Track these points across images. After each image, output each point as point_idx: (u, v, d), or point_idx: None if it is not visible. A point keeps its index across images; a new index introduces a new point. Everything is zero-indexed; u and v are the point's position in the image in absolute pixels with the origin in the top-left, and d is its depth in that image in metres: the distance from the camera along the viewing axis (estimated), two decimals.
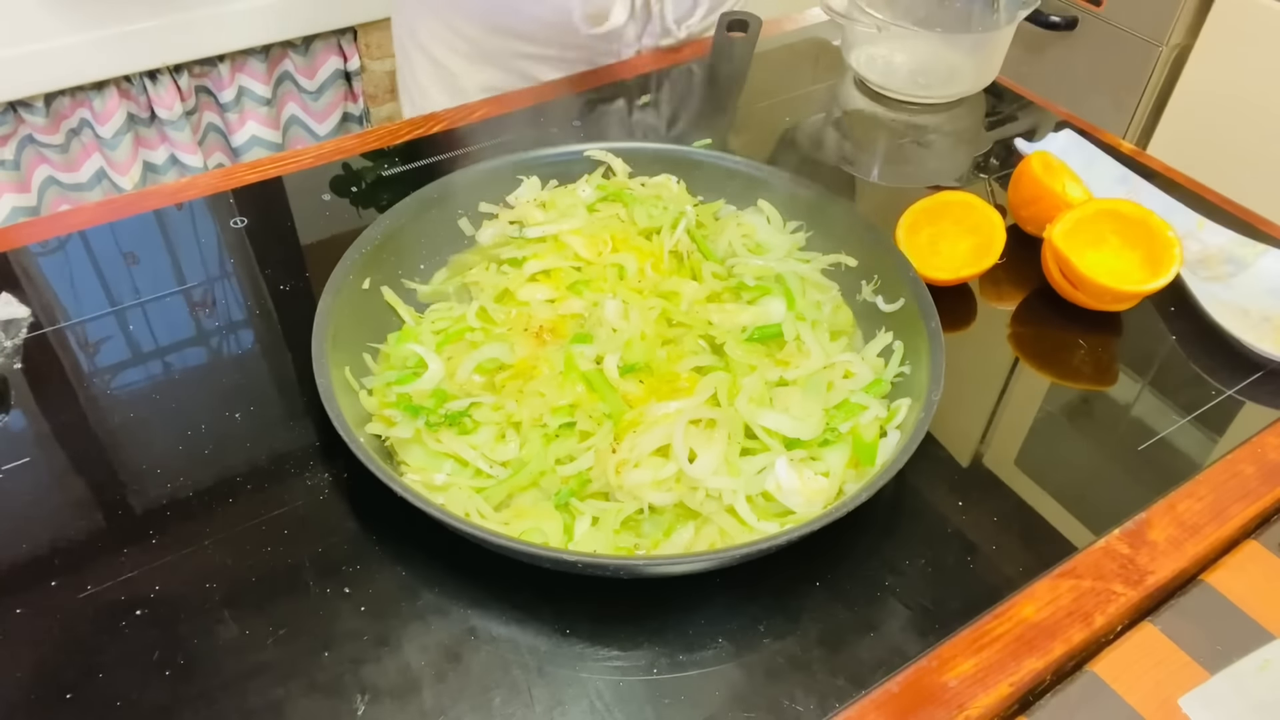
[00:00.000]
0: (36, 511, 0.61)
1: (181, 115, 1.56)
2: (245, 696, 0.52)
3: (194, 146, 1.62)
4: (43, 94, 1.44)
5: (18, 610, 0.56)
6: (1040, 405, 0.72)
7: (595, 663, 0.55)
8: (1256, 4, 1.55)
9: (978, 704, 0.53)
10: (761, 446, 0.61)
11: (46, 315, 0.74)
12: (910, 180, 0.95)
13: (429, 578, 0.58)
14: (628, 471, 0.58)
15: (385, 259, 0.72)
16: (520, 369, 0.65)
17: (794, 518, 0.59)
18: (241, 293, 0.78)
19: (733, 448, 0.60)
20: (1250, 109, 1.60)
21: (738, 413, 0.61)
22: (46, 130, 1.49)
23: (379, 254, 0.72)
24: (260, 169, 0.90)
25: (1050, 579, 0.59)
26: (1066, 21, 1.78)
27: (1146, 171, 0.92)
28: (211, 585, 0.57)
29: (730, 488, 0.58)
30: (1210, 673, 0.55)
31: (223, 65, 1.58)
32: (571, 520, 0.59)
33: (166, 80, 1.52)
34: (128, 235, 0.82)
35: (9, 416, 0.67)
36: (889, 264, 0.72)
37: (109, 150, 1.54)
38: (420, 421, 0.61)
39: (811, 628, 0.56)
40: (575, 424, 0.62)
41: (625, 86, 1.04)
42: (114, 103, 1.50)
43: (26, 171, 1.52)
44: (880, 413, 0.64)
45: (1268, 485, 0.66)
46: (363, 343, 0.68)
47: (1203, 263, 0.83)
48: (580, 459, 0.61)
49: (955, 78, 1.04)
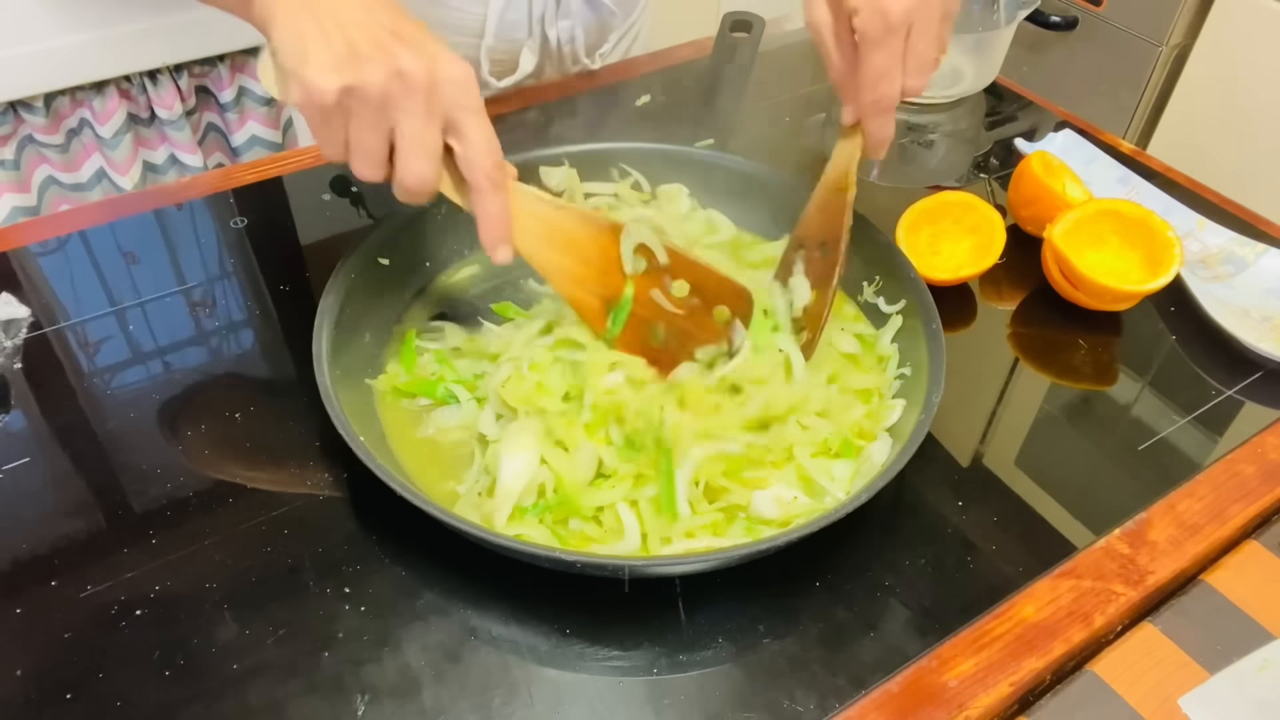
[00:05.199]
0: (36, 511, 0.61)
1: (181, 115, 1.56)
2: (245, 696, 0.52)
3: (194, 146, 1.61)
4: (43, 94, 1.44)
5: (18, 610, 0.56)
6: (1040, 405, 0.72)
7: (595, 663, 0.55)
8: (1256, 4, 1.55)
9: (978, 704, 0.53)
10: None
11: (46, 315, 0.74)
12: (910, 180, 0.95)
13: (429, 578, 0.58)
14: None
15: (386, 258, 0.72)
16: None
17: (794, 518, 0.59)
18: (241, 293, 0.78)
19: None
20: (1250, 109, 1.60)
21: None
22: (46, 130, 1.48)
23: (380, 253, 0.72)
24: (260, 169, 0.90)
25: (1050, 579, 0.59)
26: (1066, 21, 1.78)
27: (1146, 171, 0.92)
28: (211, 585, 0.57)
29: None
30: (1210, 673, 0.55)
31: (223, 65, 1.57)
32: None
33: (166, 80, 1.52)
34: (128, 235, 0.82)
35: (9, 416, 0.67)
36: (889, 264, 0.72)
37: (109, 150, 1.54)
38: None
39: (811, 628, 0.56)
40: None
41: (625, 86, 1.04)
42: (114, 103, 1.50)
43: (26, 171, 1.52)
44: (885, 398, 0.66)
45: (1268, 485, 0.66)
46: (363, 342, 0.68)
47: (1203, 263, 0.83)
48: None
49: (955, 78, 1.04)
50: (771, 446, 0.62)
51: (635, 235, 0.63)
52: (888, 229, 0.76)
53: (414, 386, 0.67)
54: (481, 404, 0.65)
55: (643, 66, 1.09)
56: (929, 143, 1.00)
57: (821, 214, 0.69)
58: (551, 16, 0.99)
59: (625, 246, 0.63)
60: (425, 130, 0.54)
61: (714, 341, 0.65)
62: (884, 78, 0.61)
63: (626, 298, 0.64)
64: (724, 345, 0.65)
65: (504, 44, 0.98)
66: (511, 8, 0.96)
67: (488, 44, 0.97)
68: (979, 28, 1.06)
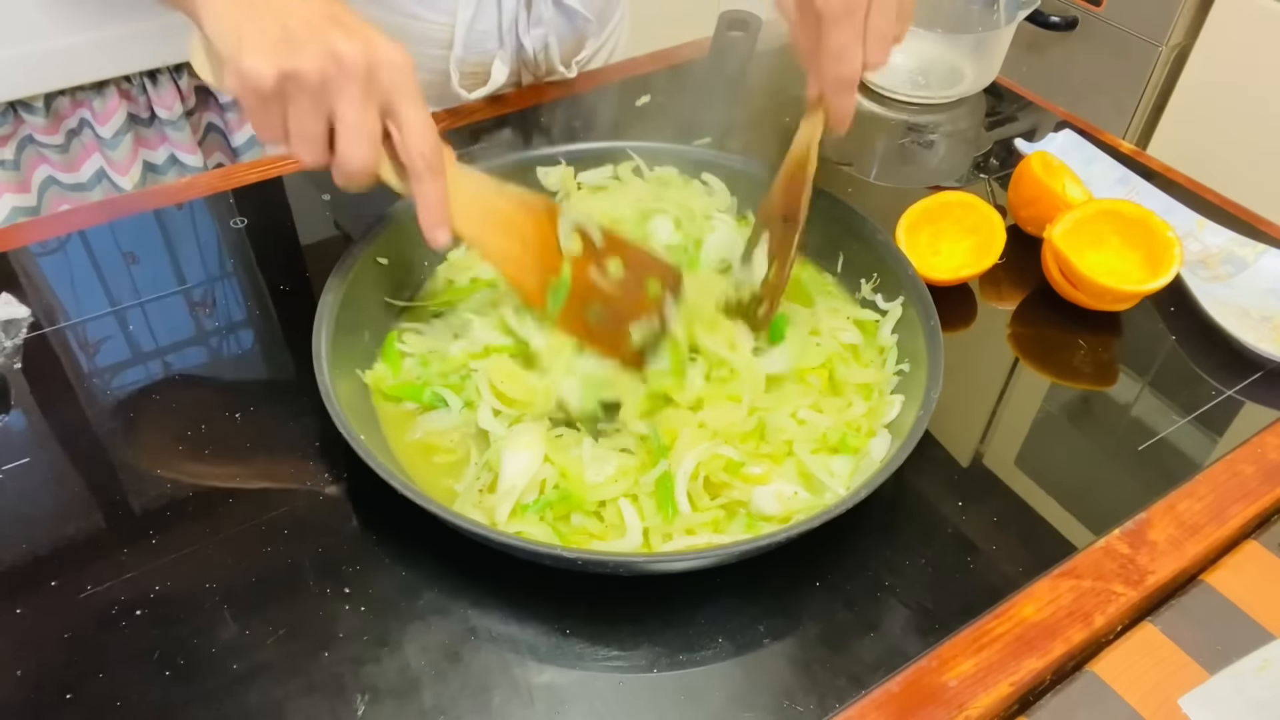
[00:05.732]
0: (36, 511, 0.61)
1: (181, 115, 1.56)
2: (245, 696, 0.52)
3: (194, 146, 1.61)
4: (43, 94, 1.44)
5: (18, 610, 0.56)
6: (1040, 405, 0.72)
7: (595, 662, 0.55)
8: (1256, 4, 1.55)
9: (978, 704, 0.53)
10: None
11: (46, 315, 0.74)
12: (910, 180, 0.95)
13: (429, 577, 0.58)
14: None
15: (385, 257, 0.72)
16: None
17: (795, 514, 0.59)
18: (241, 293, 0.78)
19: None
20: (1250, 109, 1.60)
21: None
22: (46, 130, 1.48)
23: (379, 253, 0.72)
24: (260, 169, 0.90)
25: (1050, 579, 0.59)
26: (1066, 21, 1.78)
27: (1146, 171, 0.92)
28: (211, 585, 0.57)
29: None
30: (1210, 673, 0.55)
31: None
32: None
33: (166, 80, 1.52)
34: (128, 235, 0.82)
35: (9, 416, 0.67)
36: (889, 264, 0.72)
37: (109, 150, 1.54)
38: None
39: (811, 628, 0.56)
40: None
41: (625, 86, 1.04)
42: (114, 103, 1.50)
43: (26, 171, 1.52)
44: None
45: (1268, 485, 0.66)
46: (363, 342, 0.68)
47: (1203, 263, 0.83)
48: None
49: (955, 78, 1.04)
50: (770, 440, 0.63)
51: (571, 218, 0.65)
52: (888, 229, 0.76)
53: (399, 391, 0.66)
54: (471, 407, 0.65)
55: (642, 66, 1.09)
56: (929, 143, 1.00)
57: (785, 190, 0.70)
58: (524, 25, 0.97)
59: (563, 228, 0.65)
60: (364, 115, 0.54)
61: (648, 315, 0.67)
62: (844, 54, 0.61)
63: (565, 277, 0.65)
64: (655, 320, 0.67)
65: (474, 55, 0.97)
66: (480, 17, 0.95)
67: (457, 55, 0.96)
68: (979, 28, 1.06)
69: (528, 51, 1.00)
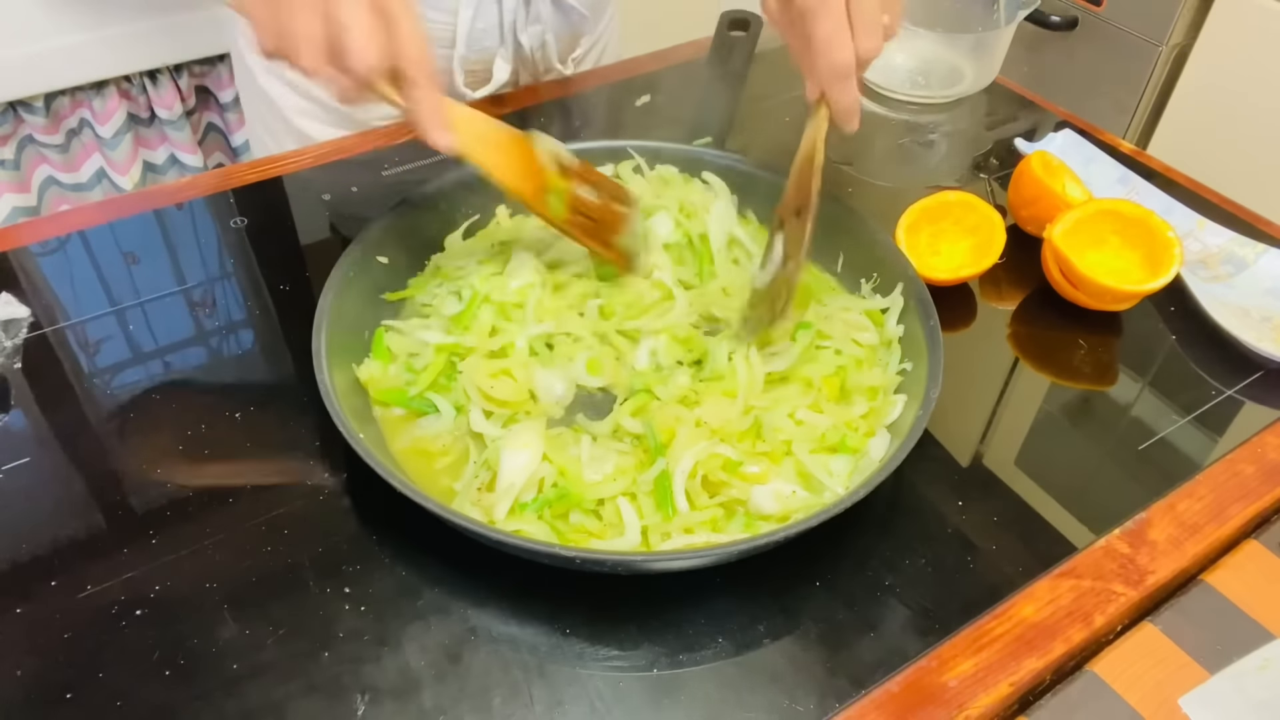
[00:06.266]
0: (36, 511, 0.61)
1: (181, 115, 1.56)
2: (245, 696, 0.52)
3: (194, 146, 1.61)
4: (43, 94, 1.44)
5: (18, 610, 0.56)
6: (1040, 405, 0.72)
7: (595, 662, 0.55)
8: (1256, 4, 1.55)
9: (978, 704, 0.53)
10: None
11: (46, 315, 0.74)
12: (910, 180, 0.95)
13: (429, 577, 0.58)
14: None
15: (385, 256, 0.72)
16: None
17: (793, 513, 0.59)
18: (241, 293, 0.78)
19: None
20: (1250, 109, 1.60)
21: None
22: (46, 130, 1.48)
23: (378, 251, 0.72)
24: (260, 169, 0.90)
25: (1050, 579, 0.59)
26: (1066, 21, 1.78)
27: (1146, 171, 0.92)
28: (211, 585, 0.57)
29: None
30: (1210, 673, 0.55)
31: (222, 65, 1.57)
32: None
33: (166, 80, 1.52)
34: (128, 235, 0.82)
35: (9, 416, 0.67)
36: (889, 263, 0.72)
37: (109, 150, 1.54)
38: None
39: (811, 628, 0.56)
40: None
41: (626, 85, 1.04)
42: (114, 103, 1.50)
43: (26, 171, 1.52)
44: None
45: (1268, 485, 0.66)
46: (363, 341, 0.68)
47: (1203, 263, 0.83)
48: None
49: (955, 78, 1.04)
50: (767, 439, 0.63)
51: (543, 142, 0.70)
52: (888, 229, 0.76)
53: (386, 396, 0.66)
54: (462, 411, 0.65)
55: (643, 66, 1.09)
56: (929, 143, 1.00)
57: (796, 187, 0.70)
58: (522, 23, 0.98)
59: (540, 150, 0.70)
60: (359, 13, 0.55)
61: (620, 230, 0.74)
62: (832, 44, 0.61)
63: (558, 185, 0.71)
64: (632, 230, 0.74)
65: (476, 53, 0.97)
66: (481, 16, 0.95)
67: (460, 54, 0.96)
68: (979, 28, 1.06)
69: (525, 49, 1.00)
